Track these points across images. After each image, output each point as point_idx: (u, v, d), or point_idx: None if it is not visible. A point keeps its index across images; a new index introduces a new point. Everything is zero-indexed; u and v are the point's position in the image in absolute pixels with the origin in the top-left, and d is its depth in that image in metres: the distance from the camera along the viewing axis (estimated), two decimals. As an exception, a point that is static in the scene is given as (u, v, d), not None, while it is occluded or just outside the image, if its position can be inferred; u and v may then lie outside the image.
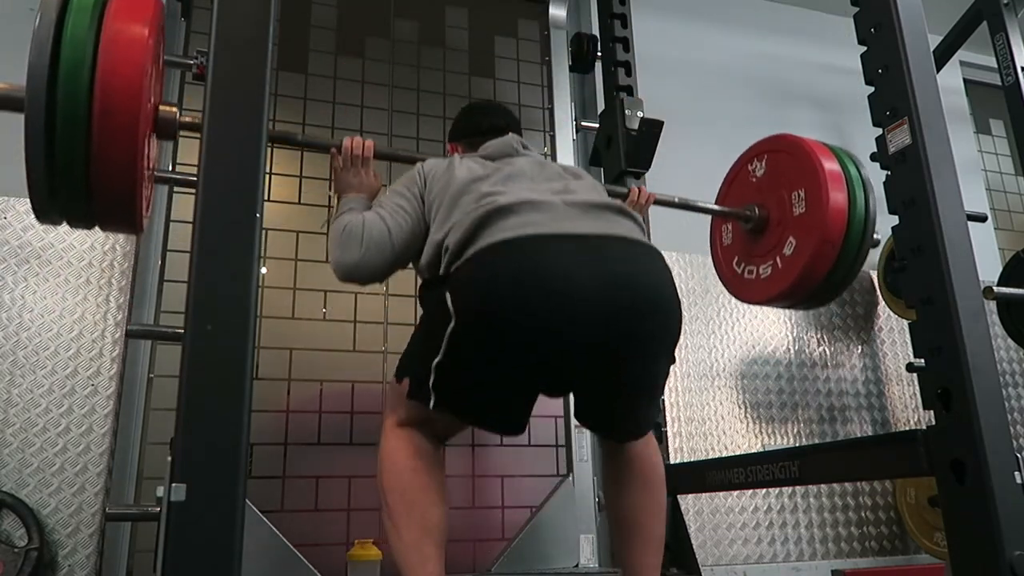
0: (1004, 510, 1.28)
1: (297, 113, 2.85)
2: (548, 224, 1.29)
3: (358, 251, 1.44)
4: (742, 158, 2.22)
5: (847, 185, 1.88)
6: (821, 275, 1.89)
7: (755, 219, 2.05)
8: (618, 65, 2.56)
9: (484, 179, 1.46)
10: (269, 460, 2.43)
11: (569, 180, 1.53)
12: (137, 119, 1.25)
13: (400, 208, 1.50)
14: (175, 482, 1.05)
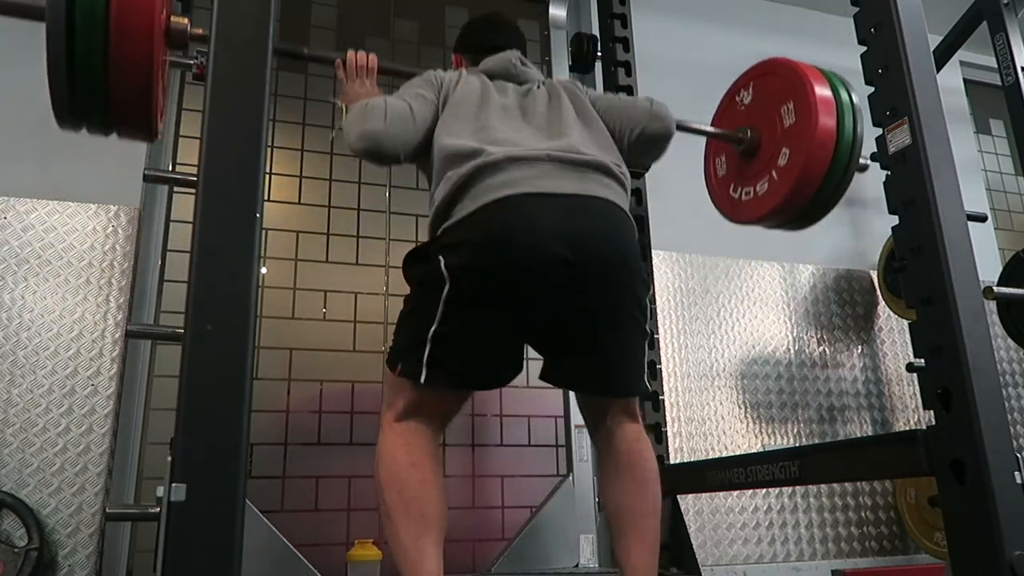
0: (1004, 510, 1.28)
1: (297, 113, 2.85)
2: (531, 183, 1.37)
3: (382, 122, 1.46)
4: (729, 91, 2.27)
5: (832, 89, 1.94)
6: (815, 182, 1.92)
7: (747, 141, 2.10)
8: (618, 65, 2.56)
9: (482, 107, 1.54)
10: (269, 460, 2.43)
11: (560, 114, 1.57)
12: (152, 24, 1.31)
13: (420, 95, 1.55)
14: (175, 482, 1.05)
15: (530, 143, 1.46)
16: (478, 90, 1.59)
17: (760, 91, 2.13)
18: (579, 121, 1.59)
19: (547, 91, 1.67)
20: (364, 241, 2.78)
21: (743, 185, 2.14)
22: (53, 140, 2.45)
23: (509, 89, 1.65)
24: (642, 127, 1.65)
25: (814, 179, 1.91)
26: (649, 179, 2.47)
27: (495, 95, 1.60)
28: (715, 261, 3.08)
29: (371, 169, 2.89)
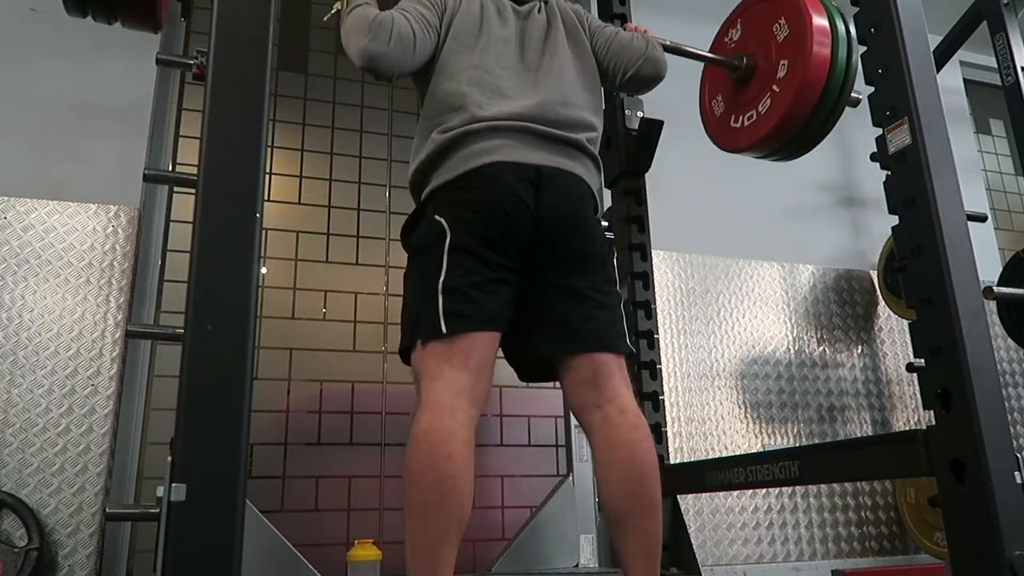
0: (1004, 510, 1.28)
1: (297, 113, 2.85)
2: (510, 152, 1.49)
3: (386, 43, 1.49)
4: (718, 35, 2.37)
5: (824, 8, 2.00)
6: (816, 87, 1.95)
7: (742, 67, 2.15)
8: (618, 65, 2.56)
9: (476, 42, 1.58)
10: (269, 460, 2.43)
11: (552, 54, 1.62)
12: None
13: (423, 18, 1.56)
14: (175, 482, 1.05)
15: (515, 100, 1.53)
16: (478, 16, 1.61)
17: (748, 22, 2.22)
18: (571, 59, 1.64)
19: (546, 18, 1.69)
20: (364, 241, 2.78)
21: (743, 112, 2.19)
22: (53, 140, 2.46)
23: (509, 13, 1.66)
24: (635, 69, 1.71)
25: (815, 82, 1.95)
26: (649, 179, 2.47)
27: (495, 23, 1.62)
28: (715, 261, 3.08)
29: (371, 169, 2.89)
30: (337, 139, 2.88)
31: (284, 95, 2.85)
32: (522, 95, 1.56)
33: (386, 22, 1.49)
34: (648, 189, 2.46)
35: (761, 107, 2.07)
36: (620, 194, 2.43)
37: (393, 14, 1.53)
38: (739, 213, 3.19)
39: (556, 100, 1.56)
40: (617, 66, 1.72)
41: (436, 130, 1.54)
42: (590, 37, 1.73)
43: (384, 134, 2.95)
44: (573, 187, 1.54)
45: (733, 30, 2.28)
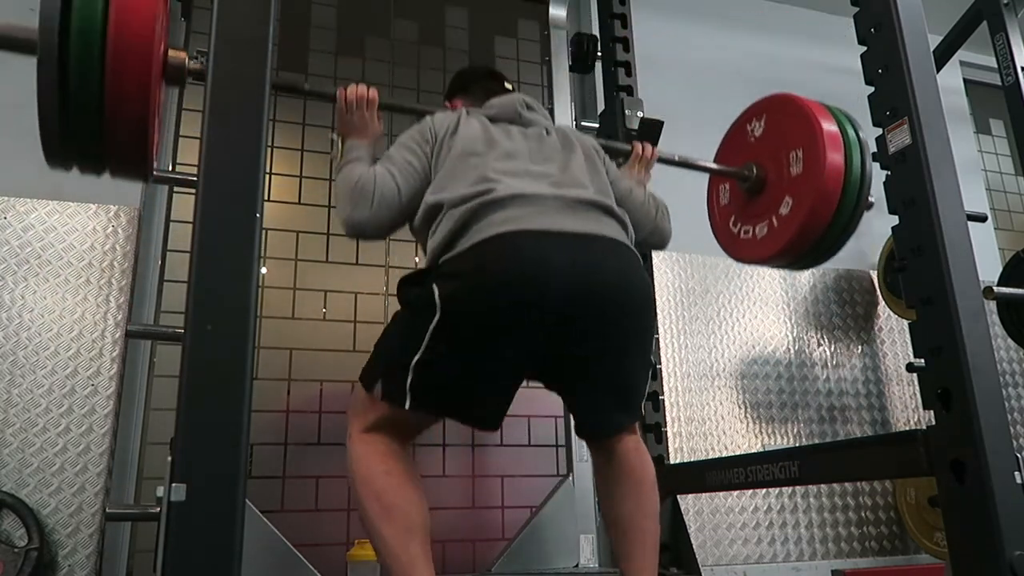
0: (1004, 510, 1.28)
1: (297, 113, 2.85)
2: (535, 220, 1.35)
3: (369, 209, 1.45)
4: (741, 118, 2.23)
5: (844, 146, 1.89)
6: (817, 234, 1.89)
7: (752, 179, 2.06)
8: (618, 65, 2.56)
9: (484, 154, 1.48)
10: (269, 460, 2.43)
11: (565, 161, 1.53)
12: (150, 61, 1.26)
13: (409, 164, 1.51)
14: (175, 482, 1.05)
15: (536, 184, 1.42)
16: (480, 137, 1.52)
17: (772, 127, 2.07)
18: (588, 170, 1.54)
19: (558, 137, 1.61)
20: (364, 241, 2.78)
21: (743, 222, 2.11)
22: (53, 140, 2.46)
23: (514, 132, 1.58)
24: (642, 239, 1.66)
25: (812, 234, 1.88)
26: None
27: (499, 139, 1.53)
28: (715, 261, 3.08)
29: (371, 169, 2.90)
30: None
31: (284, 95, 2.85)
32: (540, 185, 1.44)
33: (367, 187, 1.46)
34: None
35: (773, 221, 1.97)
36: (620, 194, 2.43)
37: (376, 172, 1.49)
38: (739, 213, 3.19)
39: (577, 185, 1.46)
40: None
41: (450, 203, 1.40)
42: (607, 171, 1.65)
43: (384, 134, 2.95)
44: (618, 253, 1.41)
45: (757, 122, 2.13)
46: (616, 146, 2.01)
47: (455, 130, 1.54)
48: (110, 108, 1.26)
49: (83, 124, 1.27)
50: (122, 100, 1.25)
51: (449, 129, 1.54)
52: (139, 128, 1.31)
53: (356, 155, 1.58)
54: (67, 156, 1.35)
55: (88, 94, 1.24)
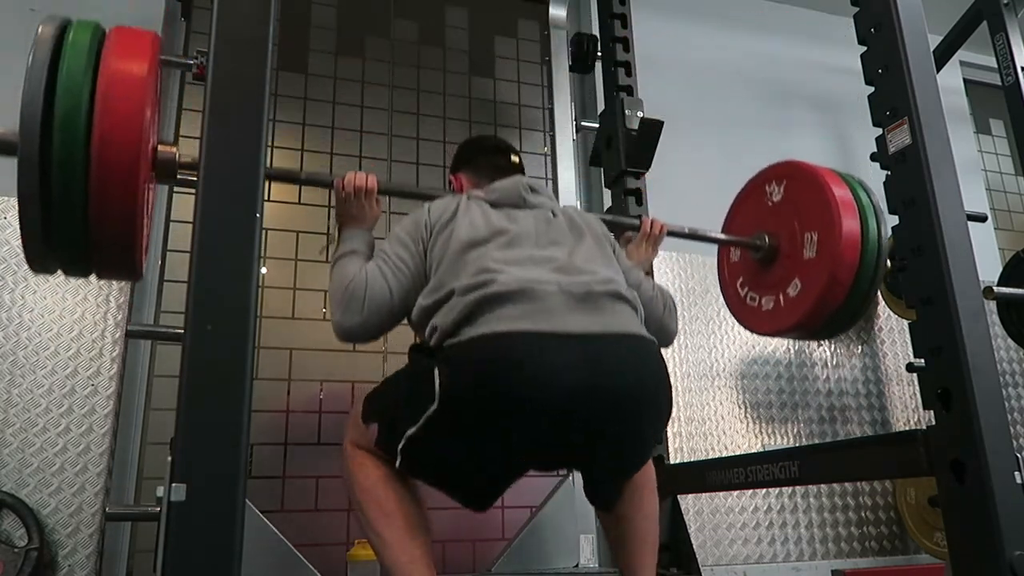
0: (1004, 510, 1.28)
1: (297, 113, 2.85)
2: (540, 320, 1.26)
3: (360, 315, 1.41)
4: (757, 179, 2.17)
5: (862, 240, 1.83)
6: (826, 316, 1.86)
7: (765, 248, 2.02)
8: (618, 65, 2.56)
9: (485, 243, 1.42)
10: (269, 460, 2.43)
11: (573, 244, 1.48)
12: (137, 163, 1.20)
13: (403, 263, 1.46)
14: (175, 482, 1.05)
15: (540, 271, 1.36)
16: (481, 225, 1.46)
17: (791, 197, 2.01)
18: (598, 254, 1.49)
19: (565, 220, 1.56)
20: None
21: (751, 289, 2.09)
22: (53, 140, 2.46)
23: (518, 215, 1.52)
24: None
25: (816, 319, 1.87)
26: (649, 179, 2.47)
27: (502, 225, 1.47)
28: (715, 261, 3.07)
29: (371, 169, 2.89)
30: (337, 139, 2.88)
31: (284, 95, 2.85)
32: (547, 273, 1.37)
33: (358, 291, 1.41)
34: (648, 189, 2.46)
35: (780, 299, 1.94)
36: (620, 194, 2.43)
37: (368, 274, 1.44)
38: (739, 213, 3.18)
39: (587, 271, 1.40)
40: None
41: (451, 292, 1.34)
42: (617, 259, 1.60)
43: (384, 134, 2.95)
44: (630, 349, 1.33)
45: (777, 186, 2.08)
46: (624, 221, 1.99)
47: (453, 218, 1.48)
48: (95, 210, 1.19)
49: (67, 228, 1.21)
50: (108, 202, 1.19)
51: (446, 219, 1.48)
52: (126, 230, 1.24)
53: (352, 247, 1.53)
54: (50, 261, 1.28)
55: (72, 197, 1.17)
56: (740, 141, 3.30)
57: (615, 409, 1.27)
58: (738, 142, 3.30)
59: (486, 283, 1.30)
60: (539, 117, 3.18)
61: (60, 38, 1.20)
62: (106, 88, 1.18)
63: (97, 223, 1.21)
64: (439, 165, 2.98)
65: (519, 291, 1.28)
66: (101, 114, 1.16)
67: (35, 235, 1.22)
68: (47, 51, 1.18)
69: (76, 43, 1.20)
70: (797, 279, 1.91)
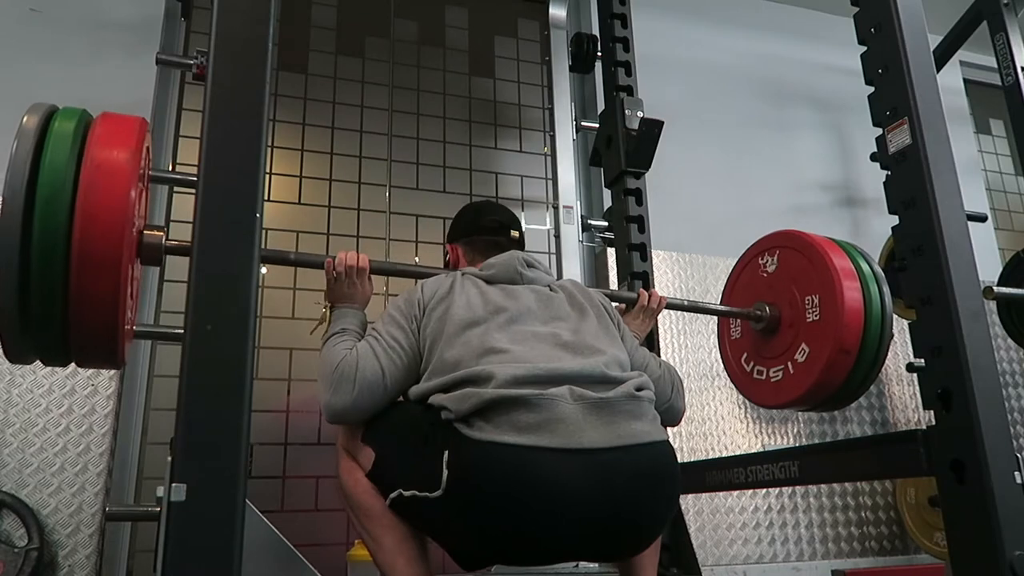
0: (1004, 510, 1.28)
1: (297, 113, 2.85)
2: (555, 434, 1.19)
3: (350, 395, 1.35)
4: (751, 251, 2.14)
5: (864, 297, 1.81)
6: (836, 384, 1.83)
7: (766, 319, 1.99)
8: (618, 65, 2.56)
9: (484, 322, 1.37)
10: (269, 460, 2.43)
11: (576, 323, 1.44)
12: (120, 251, 1.17)
13: (396, 343, 1.40)
14: (175, 482, 1.05)
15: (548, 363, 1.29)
16: (479, 304, 1.41)
17: (786, 265, 2.00)
18: (602, 334, 1.44)
19: (565, 296, 1.51)
20: (364, 241, 2.78)
21: (757, 363, 2.05)
22: (53, 140, 2.46)
23: (516, 291, 1.48)
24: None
25: (833, 383, 1.83)
26: (649, 179, 2.47)
27: (500, 302, 1.42)
28: (715, 261, 3.08)
29: (371, 169, 2.90)
30: (337, 139, 2.88)
31: (284, 95, 2.85)
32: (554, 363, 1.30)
33: (348, 371, 1.36)
34: (648, 189, 2.46)
35: (789, 367, 1.90)
36: (620, 194, 2.43)
37: (359, 354, 1.39)
38: (739, 213, 3.18)
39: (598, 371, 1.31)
40: None
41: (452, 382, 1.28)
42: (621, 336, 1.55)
43: (384, 134, 2.95)
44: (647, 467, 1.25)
45: (770, 257, 2.06)
46: (622, 295, 1.98)
47: (448, 295, 1.44)
48: (75, 298, 1.16)
49: (46, 321, 1.17)
50: (88, 290, 1.16)
51: (440, 295, 1.44)
52: (109, 322, 1.20)
53: (343, 326, 1.51)
54: (28, 350, 1.23)
55: (51, 284, 1.14)
56: (740, 141, 3.30)
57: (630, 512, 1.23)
58: (738, 142, 3.30)
59: (493, 376, 1.23)
60: (539, 117, 3.18)
61: (45, 127, 1.19)
62: (90, 177, 1.16)
63: (78, 313, 1.18)
64: (439, 165, 2.99)
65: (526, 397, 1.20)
66: (83, 203, 1.14)
67: (12, 327, 1.17)
68: (32, 138, 1.17)
69: (61, 131, 1.19)
70: (804, 344, 1.87)
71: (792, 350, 1.90)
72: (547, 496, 1.16)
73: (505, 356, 1.28)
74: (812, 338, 1.85)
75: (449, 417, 1.23)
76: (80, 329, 1.20)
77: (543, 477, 1.16)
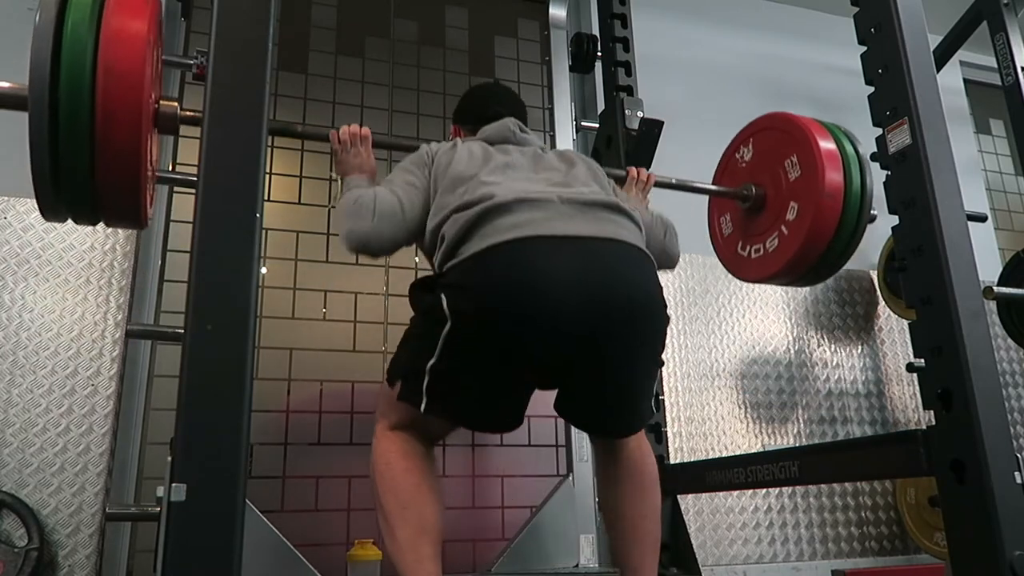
0: (1004, 510, 1.28)
1: (297, 113, 2.85)
2: (543, 225, 1.31)
3: (370, 221, 1.44)
4: (729, 148, 2.24)
5: (834, 137, 1.93)
6: (827, 234, 1.89)
7: (752, 197, 2.08)
8: (618, 65, 2.56)
9: (482, 165, 1.49)
10: (269, 460, 2.43)
11: (566, 169, 1.54)
12: (139, 115, 1.27)
13: (410, 184, 1.51)
14: (175, 482, 1.05)
15: (540, 187, 1.41)
16: (479, 154, 1.54)
17: (761, 146, 2.11)
18: (575, 166, 1.56)
19: (555, 154, 1.62)
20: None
21: (751, 243, 2.11)
22: (53, 140, 2.46)
23: (511, 150, 1.59)
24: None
25: (825, 231, 1.88)
26: (649, 179, 2.47)
27: (498, 156, 1.55)
28: (715, 261, 3.05)
29: (371, 169, 2.90)
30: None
31: (284, 95, 2.85)
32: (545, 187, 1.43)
33: (366, 200, 1.45)
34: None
35: (783, 229, 1.98)
36: (620, 194, 2.43)
37: (375, 191, 1.49)
38: (739, 213, 3.19)
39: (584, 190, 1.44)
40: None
41: (452, 210, 1.39)
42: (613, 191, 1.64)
43: (384, 134, 2.94)
44: (632, 259, 1.37)
45: (745, 148, 2.17)
46: (611, 171, 1.99)
47: (451, 150, 1.55)
48: (100, 158, 1.28)
49: (75, 178, 1.30)
50: (112, 150, 1.27)
51: (445, 149, 1.56)
52: (132, 182, 1.32)
53: (355, 184, 1.59)
54: (60, 208, 1.37)
55: (79, 148, 1.26)
56: (740, 141, 3.30)
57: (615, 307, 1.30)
58: (738, 142, 3.30)
59: (486, 196, 1.35)
60: (539, 117, 3.18)
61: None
62: (108, 44, 1.25)
63: (102, 171, 1.29)
64: (439, 165, 2.98)
65: (518, 200, 1.33)
66: (104, 69, 1.25)
67: (45, 183, 1.30)
68: (52, 10, 1.26)
69: (80, 3, 1.28)
70: (792, 202, 1.95)
71: (783, 213, 1.98)
72: (544, 272, 1.26)
73: (498, 187, 1.38)
74: (798, 194, 1.94)
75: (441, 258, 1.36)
76: (106, 187, 1.32)
77: (537, 257, 1.27)
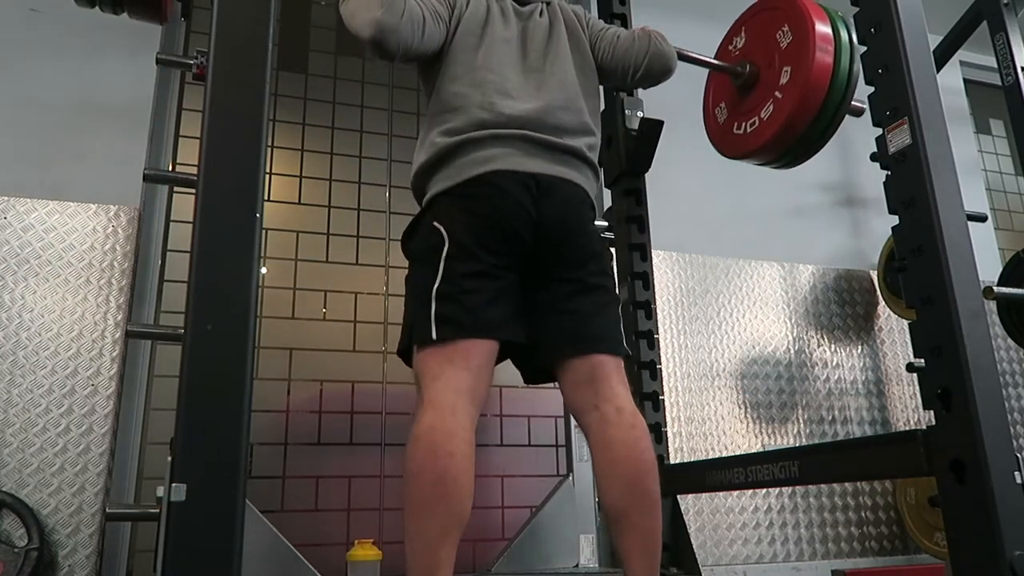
0: (1004, 510, 1.28)
1: (297, 113, 2.85)
2: (506, 160, 1.50)
3: (398, 18, 1.45)
4: (721, 44, 2.36)
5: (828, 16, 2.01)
6: (819, 94, 1.95)
7: (745, 75, 2.16)
8: (618, 65, 2.56)
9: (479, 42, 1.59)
10: (269, 460, 2.43)
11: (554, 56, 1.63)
12: None
13: (435, 10, 1.56)
14: (175, 482, 1.05)
15: (518, 102, 1.55)
16: (483, 17, 1.63)
17: (752, 30, 2.23)
18: (572, 62, 1.65)
19: (548, 20, 1.70)
20: (364, 241, 2.78)
21: (746, 118, 2.19)
22: (53, 140, 2.46)
23: (511, 14, 1.68)
24: (644, 67, 1.73)
25: (817, 90, 1.95)
26: (649, 179, 2.47)
27: (498, 24, 1.63)
28: (715, 261, 3.08)
29: (371, 169, 2.89)
30: (337, 139, 2.88)
31: (284, 95, 2.85)
32: (525, 97, 1.57)
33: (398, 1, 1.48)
34: (648, 189, 2.46)
35: (763, 114, 2.08)
36: (620, 194, 2.43)
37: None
38: (739, 213, 3.19)
39: (558, 104, 1.58)
40: (626, 66, 1.73)
41: (437, 132, 1.54)
42: (591, 40, 1.74)
43: (384, 134, 2.95)
44: (571, 195, 1.56)
45: (737, 38, 2.28)
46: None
47: (466, 7, 1.63)
48: None
49: None
50: None
51: (464, 2, 1.64)
52: None
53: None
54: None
55: None
56: (740, 141, 3.30)
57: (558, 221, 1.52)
58: (738, 142, 3.29)
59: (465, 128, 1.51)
60: (539, 117, 3.18)
61: None
62: None
63: None
64: (439, 165, 2.98)
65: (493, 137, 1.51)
66: None
67: None
68: None
69: None
70: (785, 67, 2.03)
71: (777, 79, 2.06)
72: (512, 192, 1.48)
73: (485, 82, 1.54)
74: (791, 57, 2.02)
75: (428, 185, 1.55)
76: None
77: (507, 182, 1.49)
